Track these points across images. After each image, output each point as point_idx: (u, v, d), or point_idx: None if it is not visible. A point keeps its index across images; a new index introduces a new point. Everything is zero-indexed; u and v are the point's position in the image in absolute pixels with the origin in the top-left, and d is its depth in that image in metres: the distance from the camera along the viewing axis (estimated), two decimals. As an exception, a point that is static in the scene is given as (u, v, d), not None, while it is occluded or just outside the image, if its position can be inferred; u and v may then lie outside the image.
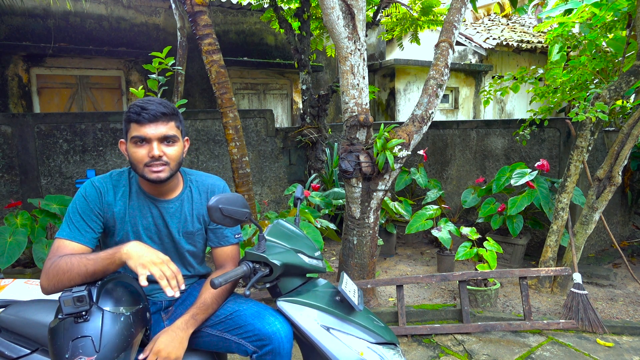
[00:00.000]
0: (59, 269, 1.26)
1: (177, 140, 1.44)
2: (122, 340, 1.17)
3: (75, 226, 1.40)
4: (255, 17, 7.37)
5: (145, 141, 1.37)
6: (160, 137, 1.38)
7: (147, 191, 1.50)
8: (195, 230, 1.57)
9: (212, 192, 1.60)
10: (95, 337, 1.13)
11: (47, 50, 5.54)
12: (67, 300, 1.14)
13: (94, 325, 1.14)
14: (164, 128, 1.39)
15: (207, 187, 1.60)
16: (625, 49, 3.48)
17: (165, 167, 1.40)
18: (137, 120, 1.36)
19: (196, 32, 3.29)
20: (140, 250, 1.26)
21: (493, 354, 2.59)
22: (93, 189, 1.45)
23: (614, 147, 3.16)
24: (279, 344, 1.35)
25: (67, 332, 1.14)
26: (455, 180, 4.99)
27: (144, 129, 1.36)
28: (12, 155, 3.93)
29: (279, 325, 1.38)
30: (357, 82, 2.78)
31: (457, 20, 3.02)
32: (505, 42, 8.73)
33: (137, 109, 1.36)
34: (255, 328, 1.38)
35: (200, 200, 1.58)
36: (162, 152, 1.38)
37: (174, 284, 1.23)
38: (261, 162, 5.10)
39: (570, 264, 3.26)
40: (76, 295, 1.14)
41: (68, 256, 1.29)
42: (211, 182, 1.62)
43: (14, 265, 3.54)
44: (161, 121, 1.38)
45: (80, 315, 1.14)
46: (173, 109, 1.43)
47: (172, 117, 1.42)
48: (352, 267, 3.01)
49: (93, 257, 1.27)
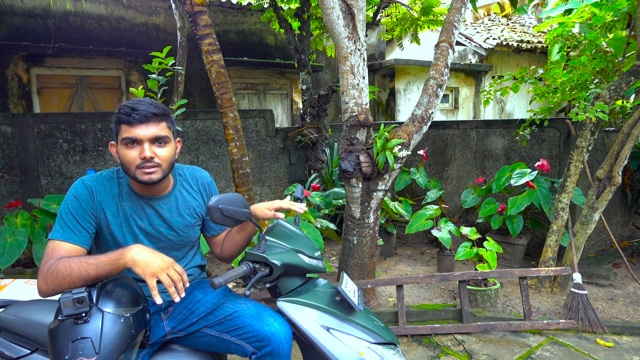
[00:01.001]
0: (57, 272, 1.24)
1: (169, 141, 1.42)
2: (122, 341, 1.17)
3: (68, 227, 1.37)
4: (255, 17, 7.37)
5: (136, 142, 1.35)
6: (151, 138, 1.36)
7: (138, 191, 1.48)
8: (193, 222, 1.58)
9: (201, 183, 1.63)
10: (95, 339, 1.13)
11: (47, 50, 5.54)
12: (67, 302, 1.13)
13: (94, 327, 1.14)
14: (155, 129, 1.36)
15: (195, 179, 1.63)
16: (625, 49, 3.48)
17: (157, 168, 1.38)
18: (128, 121, 1.33)
19: (196, 32, 3.29)
20: (146, 256, 1.23)
21: (493, 354, 2.59)
22: (84, 188, 1.42)
23: (614, 147, 3.16)
24: (278, 345, 1.35)
25: (67, 334, 1.13)
26: (455, 180, 4.99)
27: (134, 130, 1.33)
28: (12, 155, 3.93)
29: (278, 326, 1.38)
30: (357, 82, 2.78)
31: (457, 20, 3.02)
32: (505, 42, 8.73)
33: (127, 109, 1.34)
34: (255, 329, 1.38)
35: (192, 193, 1.59)
36: (153, 153, 1.36)
37: (180, 287, 1.24)
38: (261, 162, 5.10)
39: (570, 264, 3.26)
40: (76, 296, 1.13)
41: (66, 259, 1.26)
42: (198, 174, 1.65)
43: (14, 265, 3.55)
44: (152, 122, 1.36)
45: (80, 316, 1.14)
46: (164, 109, 1.41)
47: (163, 117, 1.40)
48: (352, 267, 3.01)
49: (94, 262, 1.24)
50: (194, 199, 1.59)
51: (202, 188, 1.63)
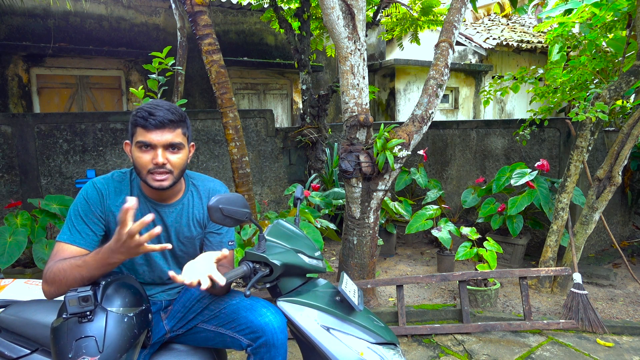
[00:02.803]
0: (54, 275, 1.25)
1: (183, 147, 1.41)
2: (125, 341, 1.17)
3: (76, 229, 1.38)
4: (255, 17, 7.36)
5: (150, 147, 1.35)
6: (165, 145, 1.36)
7: (148, 195, 1.49)
8: (195, 235, 1.56)
9: (212, 195, 1.59)
10: (99, 338, 1.13)
11: (47, 50, 5.54)
12: (73, 300, 1.14)
13: (97, 326, 1.14)
14: (170, 135, 1.36)
15: (208, 191, 1.59)
16: (625, 49, 3.48)
17: (168, 175, 1.38)
18: (144, 125, 1.33)
19: (196, 32, 3.29)
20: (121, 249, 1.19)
21: (493, 354, 2.59)
22: (94, 191, 1.43)
23: (614, 147, 3.16)
24: (272, 335, 1.35)
25: (71, 332, 1.14)
26: (455, 180, 4.99)
27: (149, 134, 1.34)
28: (12, 155, 3.93)
29: (272, 316, 1.38)
30: (357, 82, 2.78)
31: (457, 20, 3.02)
32: (505, 42, 8.73)
33: (144, 113, 1.34)
34: (248, 320, 1.38)
35: (201, 205, 1.57)
36: (166, 160, 1.36)
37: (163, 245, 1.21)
38: (261, 162, 5.10)
39: (570, 264, 3.26)
40: (82, 295, 1.14)
41: (61, 262, 1.27)
42: (212, 186, 1.61)
43: (14, 265, 3.54)
44: (168, 128, 1.35)
45: (85, 315, 1.14)
46: (181, 114, 1.41)
47: (180, 124, 1.39)
48: (352, 267, 3.01)
49: (82, 264, 1.23)
50: (200, 212, 1.57)
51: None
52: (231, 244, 1.61)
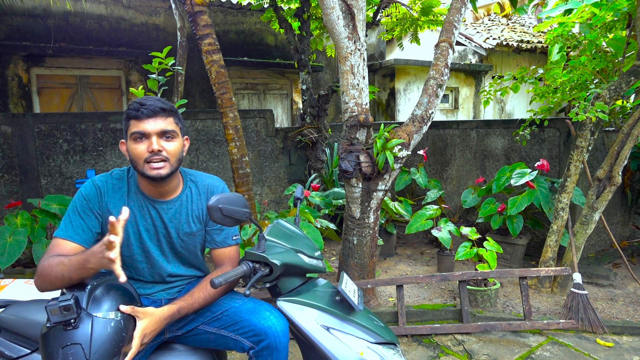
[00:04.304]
0: (43, 270, 1.27)
1: (177, 135, 1.44)
2: (113, 345, 1.15)
3: (72, 225, 1.39)
4: (255, 17, 7.36)
5: (144, 136, 1.37)
6: (159, 132, 1.38)
7: (146, 192, 1.49)
8: (195, 231, 1.56)
9: (211, 192, 1.59)
10: (85, 345, 1.11)
11: (47, 50, 5.54)
12: (54, 310, 1.11)
13: (83, 332, 1.12)
14: (163, 123, 1.39)
15: (206, 187, 1.59)
16: (625, 49, 3.48)
17: (165, 163, 1.39)
18: (136, 116, 1.37)
19: (196, 32, 3.29)
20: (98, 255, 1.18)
21: (493, 354, 2.59)
22: (93, 187, 1.45)
23: (614, 147, 3.16)
24: (275, 338, 1.35)
25: (57, 340, 1.12)
26: (455, 180, 4.99)
27: (142, 124, 1.36)
28: (12, 155, 3.93)
29: (275, 319, 1.38)
30: (357, 82, 2.78)
31: (457, 20, 3.02)
32: (505, 42, 8.73)
33: (135, 105, 1.38)
34: (251, 323, 1.38)
35: (200, 201, 1.57)
36: (161, 147, 1.38)
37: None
38: (261, 162, 5.10)
39: (570, 264, 3.26)
40: (62, 304, 1.11)
41: (52, 258, 1.28)
42: (210, 182, 1.61)
43: (14, 265, 3.55)
44: (160, 116, 1.39)
45: (69, 322, 1.12)
46: (171, 106, 1.44)
47: (171, 113, 1.43)
48: (352, 267, 3.01)
49: (67, 263, 1.23)
50: (199, 208, 1.56)
51: (211, 196, 1.60)
52: (235, 238, 1.61)
